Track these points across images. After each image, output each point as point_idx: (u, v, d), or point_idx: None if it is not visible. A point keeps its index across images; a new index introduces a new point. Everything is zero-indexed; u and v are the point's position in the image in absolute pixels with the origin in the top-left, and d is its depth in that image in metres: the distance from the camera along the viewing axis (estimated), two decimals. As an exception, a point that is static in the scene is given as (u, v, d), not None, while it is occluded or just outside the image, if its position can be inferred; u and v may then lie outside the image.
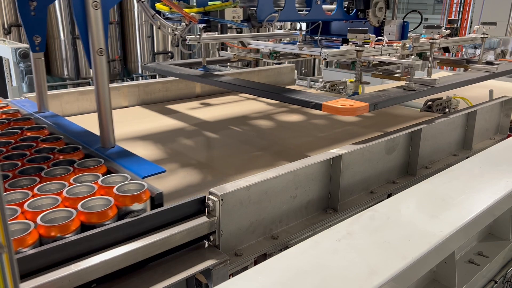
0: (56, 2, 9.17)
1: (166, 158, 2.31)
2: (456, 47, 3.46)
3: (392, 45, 2.72)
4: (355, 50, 2.47)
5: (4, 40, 7.71)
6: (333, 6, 3.04)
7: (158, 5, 2.45)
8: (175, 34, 2.42)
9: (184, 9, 2.29)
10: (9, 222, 0.56)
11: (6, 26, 9.29)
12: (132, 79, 11.90)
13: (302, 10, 2.91)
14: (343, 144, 2.08)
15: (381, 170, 2.22)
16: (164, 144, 2.54)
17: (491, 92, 3.49)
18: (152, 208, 1.45)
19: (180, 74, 3.08)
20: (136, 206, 1.39)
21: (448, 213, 1.62)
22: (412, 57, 2.52)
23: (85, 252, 1.26)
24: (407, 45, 2.51)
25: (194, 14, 2.32)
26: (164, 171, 1.73)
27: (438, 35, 2.92)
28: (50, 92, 3.01)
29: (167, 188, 1.91)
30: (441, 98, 3.38)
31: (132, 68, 12.28)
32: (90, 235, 1.26)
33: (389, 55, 2.67)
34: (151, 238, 1.36)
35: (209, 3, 2.43)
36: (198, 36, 2.72)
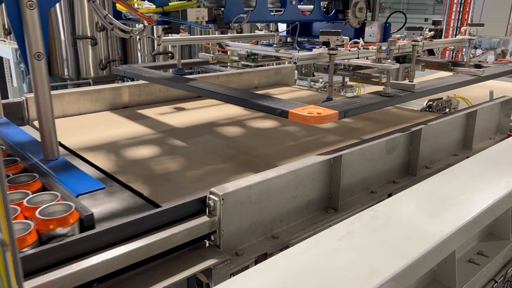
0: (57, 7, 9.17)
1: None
2: (442, 49, 3.44)
3: (368, 48, 2.57)
4: (328, 54, 2.30)
5: (5, 41, 7.72)
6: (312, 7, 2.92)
7: (119, 6, 2.27)
8: (131, 36, 2.26)
9: (140, 10, 2.15)
10: None
11: (6, 27, 9.30)
12: (133, 79, 11.89)
13: (278, 10, 2.79)
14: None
15: (382, 170, 2.22)
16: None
17: (491, 92, 3.49)
18: (81, 231, 1.34)
19: (150, 78, 2.91)
20: (60, 231, 1.27)
21: (448, 212, 1.63)
22: (389, 60, 2.38)
23: (86, 252, 1.27)
24: (383, 48, 2.38)
25: (152, 14, 2.14)
26: (103, 188, 1.62)
27: (421, 37, 2.85)
28: (51, 92, 3.02)
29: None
30: (441, 98, 3.39)
31: (132, 68, 12.26)
32: (91, 235, 1.27)
33: (367, 58, 2.53)
34: (152, 237, 1.37)
35: (170, 3, 2.25)
36: (158, 38, 2.55)
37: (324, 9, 2.91)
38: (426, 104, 3.34)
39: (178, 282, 1.36)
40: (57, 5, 9.17)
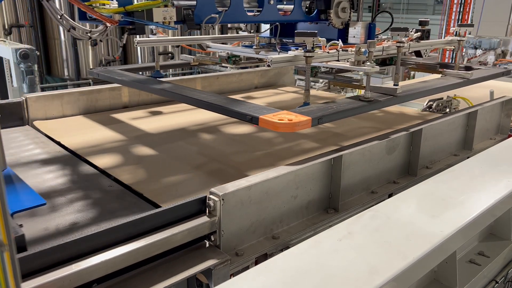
0: (57, 2, 9.16)
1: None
2: (429, 50, 3.24)
3: (347, 50, 2.45)
4: (304, 56, 2.18)
5: (5, 41, 7.71)
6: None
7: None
8: (90, 38, 2.13)
9: (102, 9, 2.02)
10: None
11: (6, 27, 9.30)
12: (133, 80, 11.85)
13: (254, 11, 2.67)
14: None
15: (382, 170, 2.22)
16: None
17: (491, 92, 3.48)
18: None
19: (122, 81, 2.77)
20: None
21: (448, 213, 1.62)
22: (368, 63, 2.23)
23: (86, 252, 1.26)
24: (362, 50, 2.24)
25: (113, 14, 2.00)
26: (44, 204, 1.53)
27: (406, 38, 2.72)
28: (50, 93, 3.02)
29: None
30: (441, 99, 3.38)
31: (132, 69, 12.26)
32: (91, 235, 1.26)
33: (347, 61, 2.40)
34: (151, 238, 1.36)
35: (137, 3, 2.11)
36: (121, 39, 2.49)
37: (307, 9, 2.79)
38: (427, 104, 3.33)
39: (178, 282, 1.35)
40: (57, 4, 9.15)
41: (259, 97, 3.76)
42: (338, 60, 2.43)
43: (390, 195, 2.18)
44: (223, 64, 3.05)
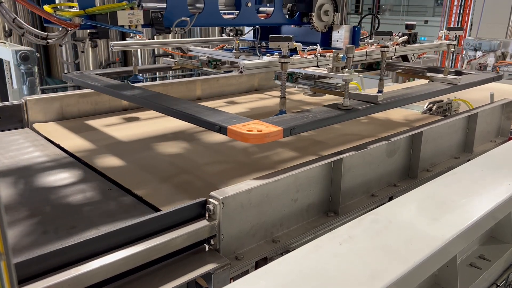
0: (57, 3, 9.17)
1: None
2: (416, 55, 3.08)
3: (325, 55, 2.32)
4: (279, 62, 2.06)
5: (5, 43, 7.71)
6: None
7: (46, 8, 2.03)
8: (47, 42, 1.99)
9: (62, 12, 1.90)
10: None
11: (7, 29, 9.31)
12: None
13: (231, 13, 2.56)
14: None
15: (382, 173, 2.21)
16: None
17: (492, 94, 3.48)
18: None
19: (95, 86, 2.64)
20: None
21: (449, 216, 1.62)
22: (346, 70, 2.12)
23: (85, 257, 1.26)
24: (340, 55, 2.12)
25: (73, 18, 1.86)
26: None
27: (391, 42, 2.63)
28: (50, 95, 3.02)
29: None
30: (442, 101, 3.38)
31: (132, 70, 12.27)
32: (90, 239, 1.26)
33: (325, 67, 2.29)
34: (151, 242, 1.36)
35: (99, 6, 1.97)
36: (83, 44, 2.34)
37: (289, 12, 2.68)
38: (427, 107, 3.33)
39: (178, 286, 1.35)
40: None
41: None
42: (317, 66, 2.31)
43: (390, 198, 2.18)
44: (204, 68, 2.93)
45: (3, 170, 2.15)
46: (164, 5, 2.12)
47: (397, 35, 2.94)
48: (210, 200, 1.50)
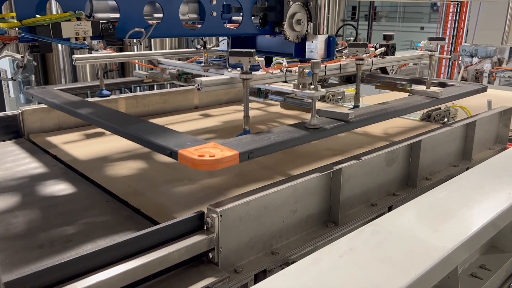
0: (54, 11, 9.16)
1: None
2: (396, 67, 3.04)
3: (291, 70, 2.17)
4: (241, 78, 1.95)
5: (2, 52, 7.70)
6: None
7: None
8: None
9: None
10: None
11: (3, 37, 9.30)
12: (130, 90, 11.90)
13: (194, 23, 2.40)
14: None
15: (381, 182, 2.20)
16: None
17: (489, 102, 3.49)
18: None
19: (52, 103, 2.49)
20: None
21: (450, 226, 1.61)
22: (313, 86, 1.96)
23: (82, 272, 1.23)
24: (306, 71, 1.95)
25: (8, 30, 1.65)
26: None
27: (366, 55, 2.52)
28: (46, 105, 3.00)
29: None
30: (439, 108, 3.38)
31: (129, 78, 12.27)
32: (86, 255, 1.24)
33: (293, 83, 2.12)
34: (148, 256, 1.34)
35: (44, 16, 1.75)
36: (21, 58, 1.98)
37: (260, 20, 2.52)
38: (426, 113, 3.33)
39: (176, 302, 1.33)
40: (54, 12, 9.14)
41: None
42: (286, 81, 2.17)
43: (390, 208, 2.16)
44: (175, 82, 2.83)
45: (-2, 182, 2.13)
46: (117, 15, 1.97)
47: (374, 46, 2.82)
48: (208, 213, 1.48)
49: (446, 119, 3.48)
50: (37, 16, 1.74)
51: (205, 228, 1.49)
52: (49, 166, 2.34)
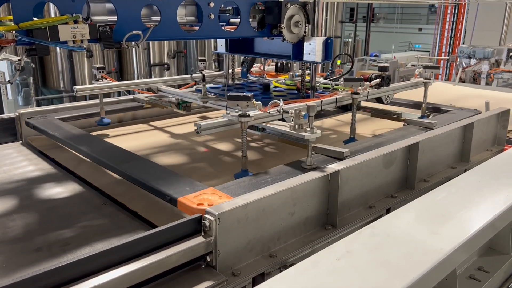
0: (52, 13, 9.17)
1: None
2: (392, 96, 2.97)
3: (288, 111, 2.14)
4: (239, 121, 1.99)
5: None
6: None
7: None
8: None
9: None
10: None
11: None
12: (129, 91, 11.89)
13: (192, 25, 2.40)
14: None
15: (379, 185, 2.20)
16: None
17: (487, 103, 3.49)
18: None
19: (54, 136, 2.48)
20: None
21: (448, 229, 1.61)
22: (309, 129, 1.98)
23: (79, 276, 1.23)
24: (302, 113, 1.97)
25: (4, 33, 1.65)
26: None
27: (361, 88, 2.55)
28: (44, 108, 3.00)
29: None
30: (438, 110, 3.38)
31: (128, 80, 12.29)
32: (84, 259, 1.23)
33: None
34: (146, 260, 1.33)
35: (41, 19, 1.74)
36: (18, 61, 1.97)
37: (258, 23, 2.54)
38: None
39: (174, 305, 1.32)
40: (53, 15, 9.13)
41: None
42: (283, 119, 2.19)
43: (388, 210, 2.16)
44: (175, 110, 2.89)
45: (-4, 185, 2.12)
46: (115, 18, 1.97)
47: (369, 77, 2.84)
48: (206, 216, 1.48)
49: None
50: (34, 19, 1.74)
51: (203, 231, 1.48)
52: (47, 169, 2.33)
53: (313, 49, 2.52)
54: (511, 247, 2.00)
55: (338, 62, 15.53)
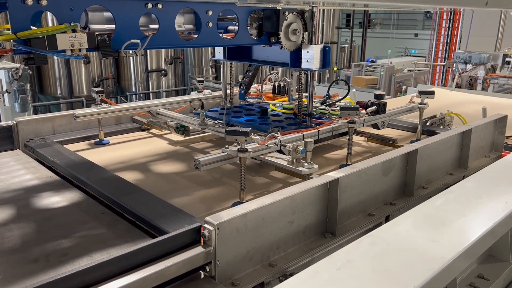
0: (49, 21, 9.18)
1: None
2: (387, 121, 3.03)
3: (286, 145, 2.19)
4: (238, 156, 2.02)
5: (-4, 61, 7.68)
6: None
7: None
8: None
9: None
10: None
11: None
12: (126, 97, 11.91)
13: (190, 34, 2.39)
14: None
15: (378, 192, 2.19)
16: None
17: (484, 109, 3.51)
18: None
19: (54, 162, 2.43)
20: None
21: (448, 237, 1.60)
22: (306, 164, 2.07)
23: (77, 288, 1.22)
24: (300, 148, 2.03)
25: (2, 42, 1.64)
26: None
27: (358, 116, 2.59)
28: (41, 116, 2.98)
29: None
30: (435, 116, 3.40)
31: (125, 86, 12.30)
32: (82, 270, 1.22)
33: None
34: (145, 271, 1.32)
35: (39, 29, 1.73)
36: (15, 70, 2.00)
37: (257, 31, 2.57)
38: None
39: (173, 317, 1.31)
40: (50, 22, 9.16)
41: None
42: (281, 151, 2.24)
43: (387, 217, 2.16)
44: (173, 133, 2.91)
45: (-7, 194, 2.10)
46: (113, 26, 1.97)
47: (366, 104, 2.89)
48: (205, 225, 1.47)
49: (441, 127, 3.50)
50: (32, 28, 1.73)
51: (202, 241, 1.48)
52: (44, 178, 2.32)
53: (311, 56, 2.53)
54: (511, 254, 2.00)
55: (335, 68, 15.62)
